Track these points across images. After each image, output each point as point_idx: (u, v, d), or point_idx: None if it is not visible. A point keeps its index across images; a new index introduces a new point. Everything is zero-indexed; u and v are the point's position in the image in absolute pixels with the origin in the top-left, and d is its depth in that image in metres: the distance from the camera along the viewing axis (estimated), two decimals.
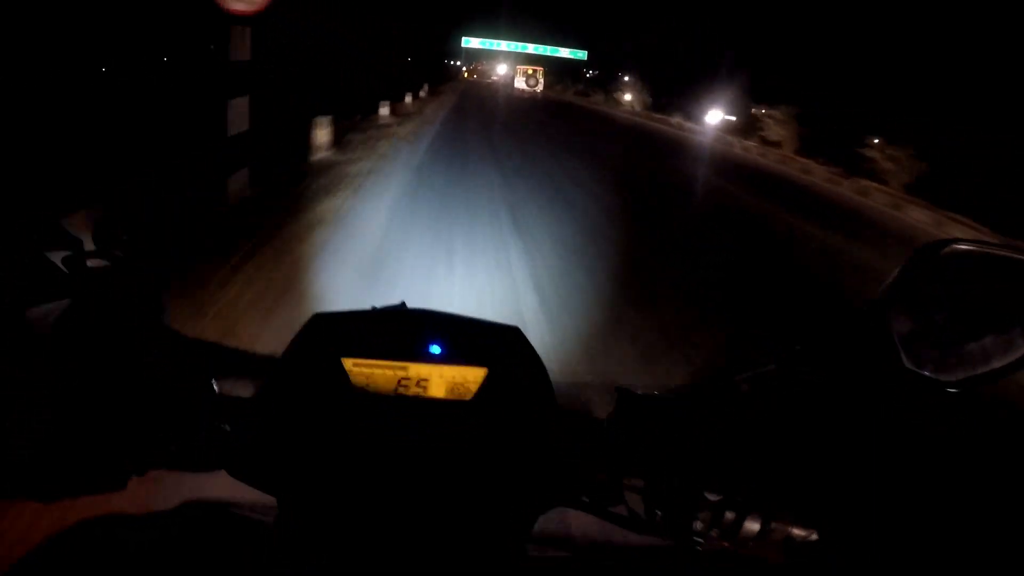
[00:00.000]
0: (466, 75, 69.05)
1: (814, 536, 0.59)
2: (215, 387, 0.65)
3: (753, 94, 26.36)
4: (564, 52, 69.20)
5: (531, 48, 67.44)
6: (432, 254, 4.99)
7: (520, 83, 47.65)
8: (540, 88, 46.88)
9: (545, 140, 15.85)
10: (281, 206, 5.96)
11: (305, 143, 8.80)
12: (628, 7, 63.93)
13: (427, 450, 0.60)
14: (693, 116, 30.19)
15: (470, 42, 67.98)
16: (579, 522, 0.66)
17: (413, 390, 0.62)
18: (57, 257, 0.60)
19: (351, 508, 0.59)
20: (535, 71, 49.01)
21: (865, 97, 20.54)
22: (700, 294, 5.17)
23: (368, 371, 0.61)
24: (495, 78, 63.30)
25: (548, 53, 67.71)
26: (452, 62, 68.64)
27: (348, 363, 0.61)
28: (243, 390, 0.66)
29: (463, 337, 0.64)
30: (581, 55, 69.45)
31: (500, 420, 0.61)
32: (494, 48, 68.01)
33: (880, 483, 0.58)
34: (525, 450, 0.61)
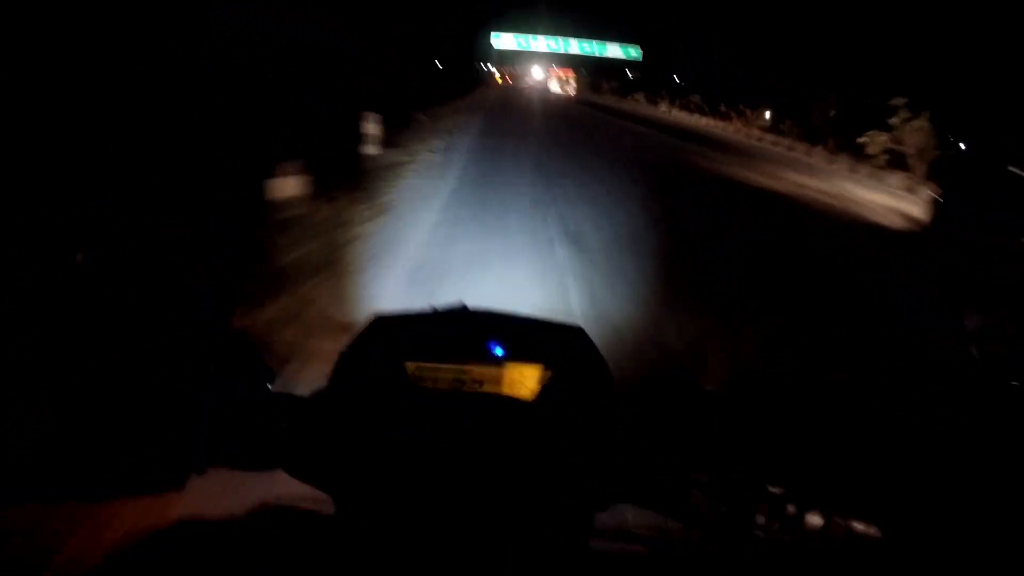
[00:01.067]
0: (499, 80, 64.30)
1: (877, 532, 0.58)
2: (270, 387, 0.66)
3: None
4: (614, 50, 60.31)
5: (574, 44, 59.70)
6: None
7: (555, 87, 55.98)
8: (572, 91, 54.25)
9: None
10: None
11: None
12: None
13: (488, 451, 0.60)
14: None
15: (501, 37, 60.06)
16: (640, 518, 0.66)
17: (473, 391, 0.62)
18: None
19: (410, 506, 0.60)
20: (567, 76, 57.39)
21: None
22: None
23: (430, 374, 0.62)
24: (530, 83, 62.59)
25: (595, 53, 60.30)
26: (483, 65, 63.14)
27: (411, 367, 0.61)
28: (298, 389, 0.67)
29: (524, 337, 0.65)
30: (635, 53, 61.14)
31: (561, 420, 0.61)
32: (529, 49, 61.01)
33: (942, 478, 0.57)
34: (587, 451, 0.61)
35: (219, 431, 0.63)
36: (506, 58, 68.60)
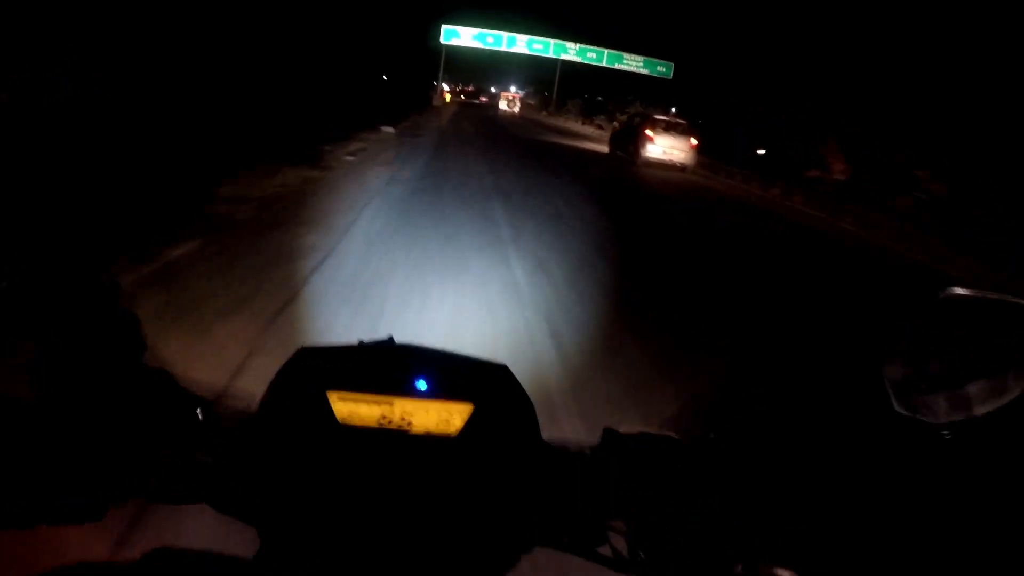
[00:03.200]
0: (447, 97, 51.97)
1: None
2: (199, 417, 0.64)
3: None
4: (633, 63, 46.06)
5: (572, 51, 46.01)
6: None
7: (503, 106, 57.70)
8: (517, 109, 57.14)
9: None
10: None
11: None
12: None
13: (409, 486, 0.61)
14: None
15: (458, 36, 45.18)
16: (561, 563, 0.66)
17: (397, 425, 0.63)
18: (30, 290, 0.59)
19: (330, 543, 0.60)
20: (514, 97, 60.57)
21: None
22: None
23: (353, 405, 0.62)
24: (485, 100, 61.95)
25: (605, 63, 46.76)
26: (437, 84, 51.44)
27: (333, 396, 0.61)
28: (228, 422, 0.65)
29: (450, 373, 0.66)
30: (663, 69, 47.08)
31: (484, 457, 0.63)
32: (502, 48, 47.05)
33: (866, 527, 0.58)
34: (508, 488, 0.63)
35: (141, 462, 0.62)
36: (463, 66, 62.78)
